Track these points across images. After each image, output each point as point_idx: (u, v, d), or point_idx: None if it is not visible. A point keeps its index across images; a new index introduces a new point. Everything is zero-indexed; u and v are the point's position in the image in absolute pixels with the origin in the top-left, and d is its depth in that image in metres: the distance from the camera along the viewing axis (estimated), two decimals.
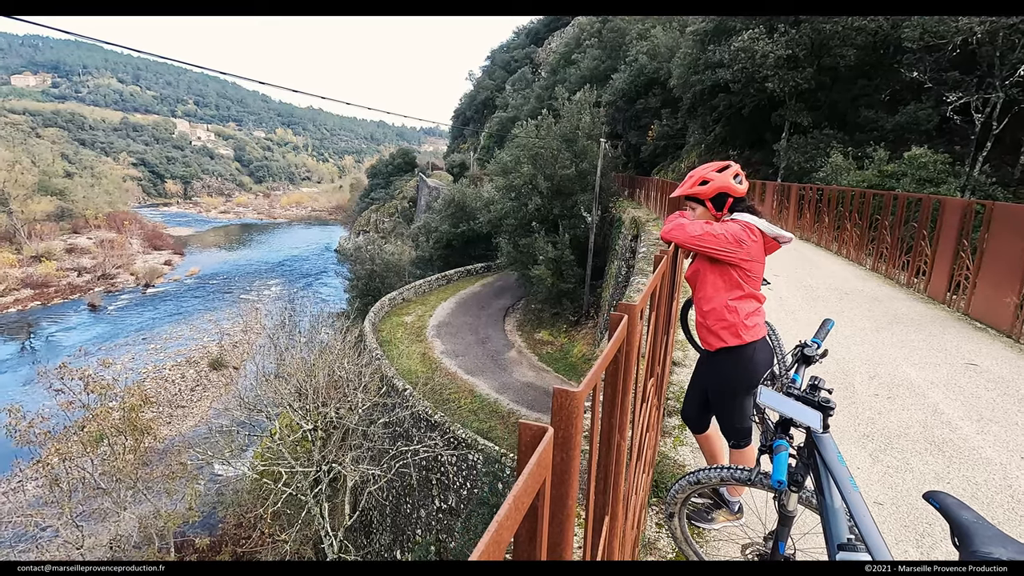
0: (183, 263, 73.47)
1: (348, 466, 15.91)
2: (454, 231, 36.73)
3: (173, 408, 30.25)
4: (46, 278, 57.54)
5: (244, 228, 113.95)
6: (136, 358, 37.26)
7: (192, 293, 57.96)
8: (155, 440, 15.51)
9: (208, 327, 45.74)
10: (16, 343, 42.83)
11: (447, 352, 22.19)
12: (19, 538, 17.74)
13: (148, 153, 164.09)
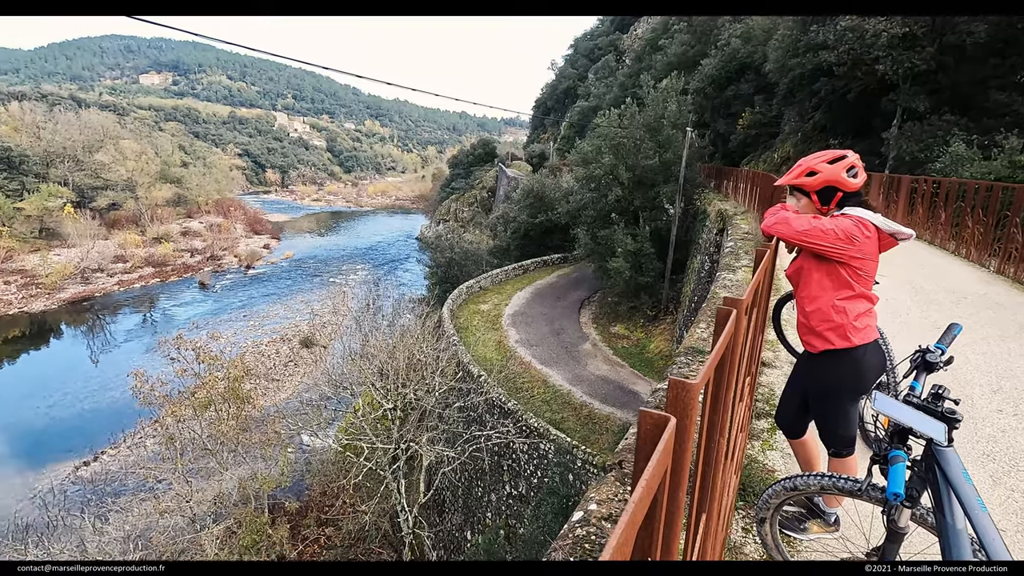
0: (279, 247, 78.94)
1: (424, 446, 16.53)
2: (532, 221, 36.83)
3: (268, 381, 32.74)
4: (164, 258, 63.94)
5: (334, 215, 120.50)
6: (238, 333, 40.61)
7: (287, 275, 62.20)
8: (253, 409, 16.94)
9: (300, 307, 48.95)
10: (140, 315, 48.03)
11: (521, 341, 22.39)
12: (140, 487, 20.00)
13: (251, 144, 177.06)
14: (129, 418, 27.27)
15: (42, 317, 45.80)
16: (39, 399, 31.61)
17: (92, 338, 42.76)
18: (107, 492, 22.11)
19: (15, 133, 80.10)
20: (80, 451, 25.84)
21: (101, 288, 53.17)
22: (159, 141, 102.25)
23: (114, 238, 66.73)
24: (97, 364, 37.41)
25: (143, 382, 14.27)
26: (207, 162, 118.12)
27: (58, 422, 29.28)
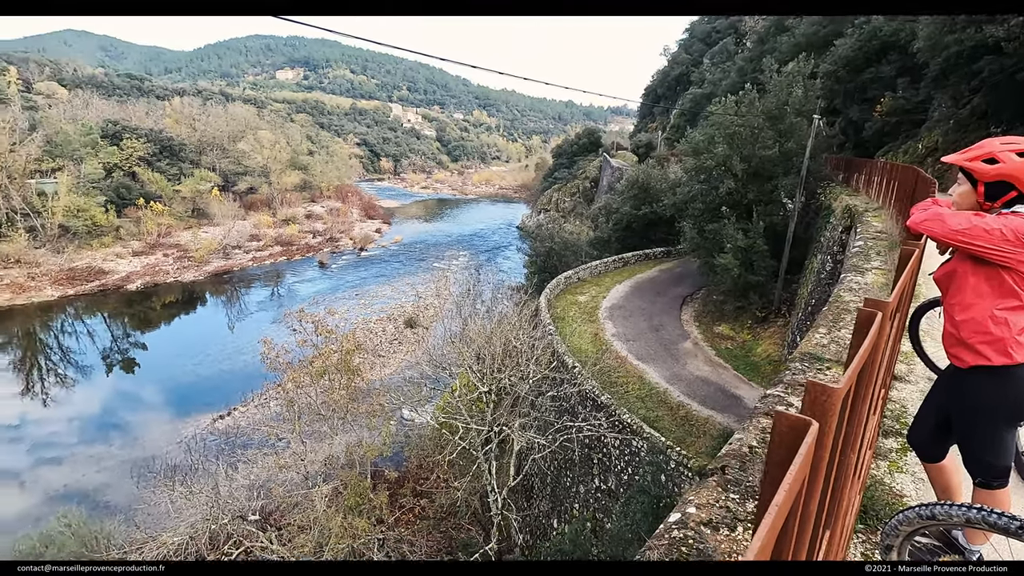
0: (389, 231, 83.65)
1: (516, 431, 16.85)
2: (635, 213, 35.87)
3: (375, 356, 35.01)
4: (291, 238, 70.27)
5: (440, 203, 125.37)
6: (350, 310, 43.74)
7: (395, 258, 65.83)
8: (362, 381, 18.26)
9: (406, 289, 51.65)
10: (268, 288, 53.32)
11: (618, 335, 21.99)
12: (263, 443, 22.29)
13: (369, 134, 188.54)
14: (257, 380, 30.49)
15: (191, 286, 52.33)
16: (187, 358, 36.27)
17: (230, 307, 48.22)
18: (237, 444, 24.93)
19: (176, 125, 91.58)
20: (217, 406, 29.34)
21: (238, 263, 59.66)
22: (290, 131, 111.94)
23: (250, 219, 74.42)
24: (233, 330, 42.13)
25: (271, 349, 15.95)
26: (330, 151, 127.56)
27: (201, 379, 33.43)
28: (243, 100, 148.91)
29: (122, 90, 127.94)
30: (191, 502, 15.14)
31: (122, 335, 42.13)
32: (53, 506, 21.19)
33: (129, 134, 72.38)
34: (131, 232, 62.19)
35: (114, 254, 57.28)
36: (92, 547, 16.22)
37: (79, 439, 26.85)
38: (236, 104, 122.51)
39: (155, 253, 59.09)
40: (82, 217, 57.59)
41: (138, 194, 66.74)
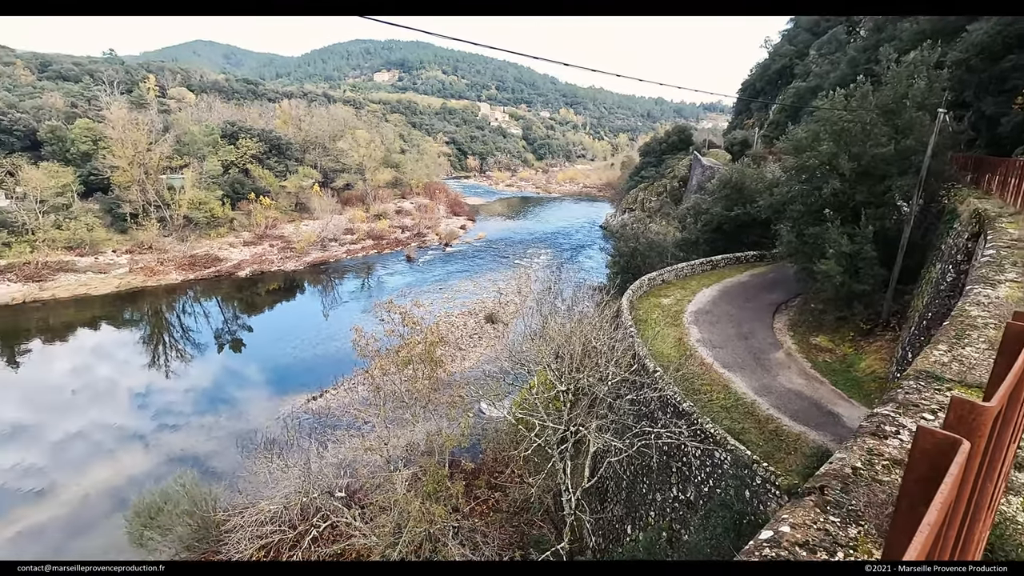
0: (474, 228, 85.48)
1: (592, 432, 16.67)
2: (726, 214, 34.23)
3: (456, 349, 35.99)
4: (381, 232, 73.77)
5: (524, 200, 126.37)
6: (434, 303, 45.21)
7: (478, 254, 67.21)
8: (443, 372, 18.86)
9: (488, 285, 52.60)
10: (360, 280, 56.34)
11: (703, 341, 21.11)
12: (351, 425, 23.63)
13: (457, 133, 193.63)
14: (347, 366, 32.34)
15: (292, 275, 56.41)
16: (287, 341, 39.18)
17: (325, 296, 51.49)
18: (327, 424, 26.63)
19: (284, 125, 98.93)
20: (311, 387, 31.46)
21: (334, 255, 63.52)
22: (384, 131, 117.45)
23: (346, 214, 78.96)
24: (327, 318, 44.95)
25: (361, 337, 16.88)
26: (420, 149, 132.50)
27: (298, 361, 35.99)
28: (343, 101, 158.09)
29: (240, 94, 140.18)
30: (286, 475, 16.36)
31: (232, 317, 46.26)
32: (171, 467, 23.72)
33: (244, 134, 79.20)
34: (243, 224, 68.13)
35: (228, 243, 63.01)
36: (201, 507, 17.98)
37: (193, 409, 29.82)
38: (337, 105, 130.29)
39: (262, 243, 64.31)
40: (203, 209, 63.85)
41: (250, 189, 72.93)
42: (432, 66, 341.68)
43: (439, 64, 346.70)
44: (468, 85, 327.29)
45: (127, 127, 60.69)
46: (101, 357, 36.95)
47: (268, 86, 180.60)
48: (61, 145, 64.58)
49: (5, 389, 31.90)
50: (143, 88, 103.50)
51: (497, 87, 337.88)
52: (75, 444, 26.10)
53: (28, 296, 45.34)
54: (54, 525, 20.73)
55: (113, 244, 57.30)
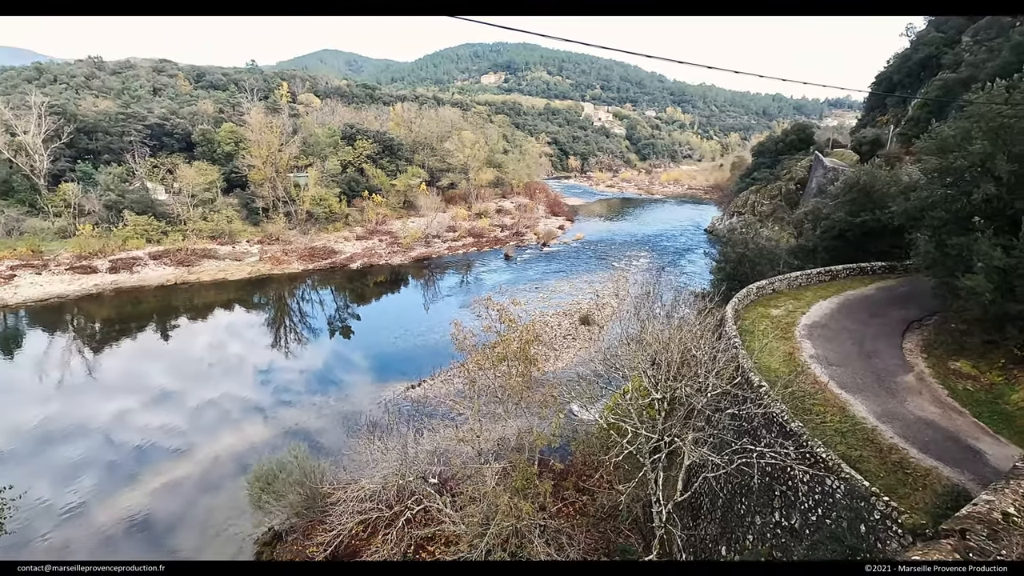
0: (572, 228, 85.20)
1: (688, 444, 15.97)
2: (851, 220, 31.25)
3: (549, 349, 36.10)
4: (482, 230, 75.78)
5: (624, 201, 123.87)
6: (529, 302, 45.67)
7: (575, 255, 66.90)
8: (537, 371, 19.01)
9: (583, 286, 52.20)
10: (459, 275, 58.30)
11: (818, 357, 19.44)
12: (446, 415, 24.52)
13: (560, 133, 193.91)
14: (444, 358, 33.63)
15: (398, 269, 59.62)
16: (390, 331, 41.50)
17: (426, 290, 53.89)
18: (424, 412, 27.87)
19: (396, 127, 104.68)
20: (410, 376, 33.08)
21: (436, 251, 66.27)
22: (489, 131, 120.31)
23: (449, 212, 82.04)
24: (427, 311, 46.99)
25: (460, 331, 17.48)
26: (522, 149, 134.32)
27: (400, 351, 37.99)
28: (451, 104, 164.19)
29: (359, 98, 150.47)
30: (385, 457, 17.35)
31: (343, 306, 49.83)
32: (285, 439, 26.04)
33: (361, 136, 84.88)
34: (356, 219, 73.11)
35: (342, 237, 67.94)
36: (310, 478, 19.55)
37: (306, 388, 32.49)
38: (445, 108, 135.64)
39: (372, 238, 68.59)
40: (323, 205, 69.35)
41: (364, 187, 78.10)
42: (537, 67, 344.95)
43: (544, 65, 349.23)
44: (572, 85, 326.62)
45: (263, 130, 67.45)
46: (233, 335, 41.40)
47: (384, 90, 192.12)
48: (209, 146, 73.22)
49: (158, 359, 36.76)
50: (277, 95, 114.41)
51: (602, 87, 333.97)
52: (209, 411, 29.48)
53: (179, 278, 51.91)
54: (189, 481, 23.56)
55: (247, 235, 63.99)
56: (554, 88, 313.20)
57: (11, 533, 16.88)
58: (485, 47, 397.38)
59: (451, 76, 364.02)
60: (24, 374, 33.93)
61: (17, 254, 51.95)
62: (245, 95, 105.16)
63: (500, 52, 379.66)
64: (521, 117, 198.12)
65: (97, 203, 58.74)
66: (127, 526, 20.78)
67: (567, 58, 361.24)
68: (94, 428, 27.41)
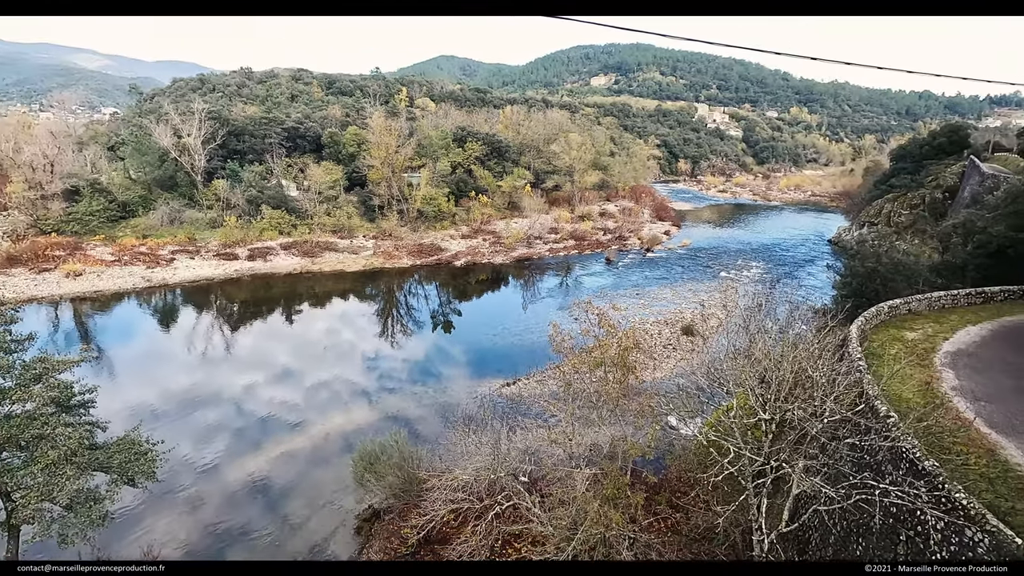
0: (678, 234, 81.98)
1: (797, 472, 14.73)
2: (1014, 236, 27.13)
3: (649, 357, 35.01)
4: (584, 233, 75.25)
5: (736, 208, 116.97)
6: (630, 308, 44.67)
7: (680, 262, 64.30)
8: (634, 379, 18.52)
9: (687, 295, 50.03)
10: (559, 278, 58.34)
11: (962, 390, 17.09)
12: (539, 416, 24.64)
13: (670, 135, 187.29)
14: (540, 359, 33.84)
15: (499, 268, 60.90)
16: (489, 328, 42.53)
17: (526, 290, 54.53)
18: (518, 411, 28.22)
19: (505, 130, 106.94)
20: (506, 373, 33.67)
21: (537, 252, 66.82)
22: (596, 134, 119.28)
23: (552, 213, 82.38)
24: (526, 311, 47.53)
25: (558, 333, 17.50)
26: (630, 152, 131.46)
27: (497, 348, 38.80)
28: (560, 106, 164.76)
29: (471, 102, 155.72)
30: (478, 451, 17.80)
31: (446, 301, 51.84)
32: (386, 423, 27.62)
33: (471, 138, 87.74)
34: (462, 219, 75.71)
35: (449, 236, 70.68)
36: (408, 463, 20.56)
37: (407, 377, 34.20)
38: (553, 110, 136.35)
39: (477, 237, 70.66)
40: (432, 204, 72.60)
41: (471, 188, 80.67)
42: (650, 68, 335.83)
43: (657, 65, 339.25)
44: (686, 85, 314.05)
45: (382, 132, 72.03)
46: (346, 323, 44.66)
47: (495, 94, 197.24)
48: (336, 148, 79.54)
49: (282, 340, 40.58)
50: (397, 99, 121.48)
51: (719, 86, 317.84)
52: (322, 391, 32.02)
53: (303, 268, 56.95)
54: (302, 454, 25.75)
55: (364, 230, 68.69)
56: (666, 89, 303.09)
57: (161, 481, 19.48)
58: (596, 49, 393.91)
59: (561, 78, 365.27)
60: (177, 345, 39.02)
61: (177, 240, 59.91)
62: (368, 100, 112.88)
63: (611, 53, 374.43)
64: (630, 119, 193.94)
65: (241, 198, 66.08)
66: (250, 488, 23.15)
67: (682, 57, 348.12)
68: (227, 397, 30.86)
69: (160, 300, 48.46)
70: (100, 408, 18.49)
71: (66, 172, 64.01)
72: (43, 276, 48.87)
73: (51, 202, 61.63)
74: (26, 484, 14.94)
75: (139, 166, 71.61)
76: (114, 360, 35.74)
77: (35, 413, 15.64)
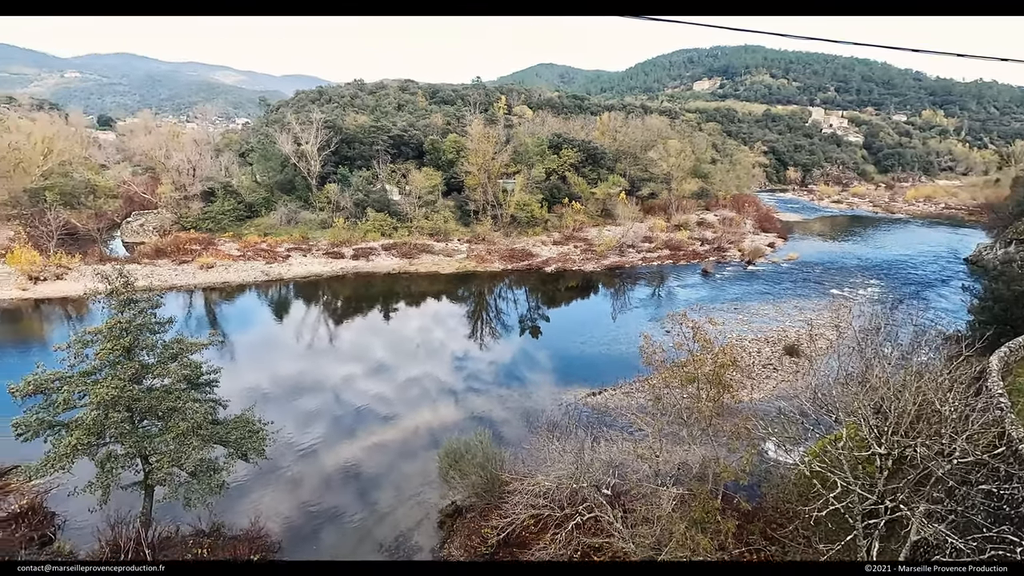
0: (784, 247, 76.67)
1: (918, 517, 13.15)
2: None
3: (746, 376, 32.98)
4: (679, 243, 72.56)
5: (853, 220, 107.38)
6: (727, 323, 42.33)
7: (785, 277, 60.04)
8: (730, 398, 17.46)
9: (792, 313, 46.58)
10: (651, 288, 56.64)
11: None
12: (624, 428, 24.01)
13: (779, 142, 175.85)
14: (628, 370, 33.00)
15: (589, 275, 60.26)
16: (576, 335, 42.17)
17: (616, 299, 53.48)
18: (602, 421, 27.70)
19: (601, 136, 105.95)
20: (592, 382, 33.18)
21: (629, 261, 65.36)
22: (697, 140, 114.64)
23: (647, 222, 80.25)
24: (614, 320, 46.60)
25: (649, 344, 16.93)
26: (733, 159, 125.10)
27: (583, 356, 38.36)
28: (659, 112, 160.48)
29: (568, 109, 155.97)
30: (561, 459, 17.64)
31: (535, 306, 52.12)
32: (471, 423, 28.18)
33: (567, 145, 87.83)
34: (554, 225, 75.87)
35: (540, 241, 71.08)
36: (492, 464, 20.82)
37: (493, 379, 34.71)
38: (653, 116, 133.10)
39: (568, 244, 70.44)
40: (525, 210, 73.43)
41: (564, 194, 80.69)
42: (759, 70, 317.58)
43: (767, 67, 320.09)
44: (799, 88, 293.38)
45: (480, 139, 74.02)
46: (438, 322, 46.24)
47: (592, 100, 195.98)
48: (436, 155, 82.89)
49: (379, 335, 42.83)
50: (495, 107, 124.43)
51: (837, 88, 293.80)
52: (412, 387, 33.35)
53: (401, 268, 59.82)
54: (392, 445, 26.93)
55: (458, 234, 70.91)
56: (776, 92, 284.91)
57: (268, 459, 21.22)
58: (701, 52, 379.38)
59: (661, 84, 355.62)
60: (288, 335, 42.46)
61: (293, 239, 65.28)
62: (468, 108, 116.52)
63: (717, 56, 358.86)
64: (735, 124, 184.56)
65: (349, 201, 70.76)
66: (343, 474, 24.58)
67: (795, 58, 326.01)
68: (328, 386, 33.04)
69: (275, 292, 52.98)
70: (221, 387, 20.52)
71: (204, 176, 72.00)
72: (182, 267, 55.20)
73: (192, 202, 69.61)
74: (160, 450, 16.90)
75: (264, 171, 79.02)
76: (235, 345, 39.57)
77: (171, 388, 17.73)
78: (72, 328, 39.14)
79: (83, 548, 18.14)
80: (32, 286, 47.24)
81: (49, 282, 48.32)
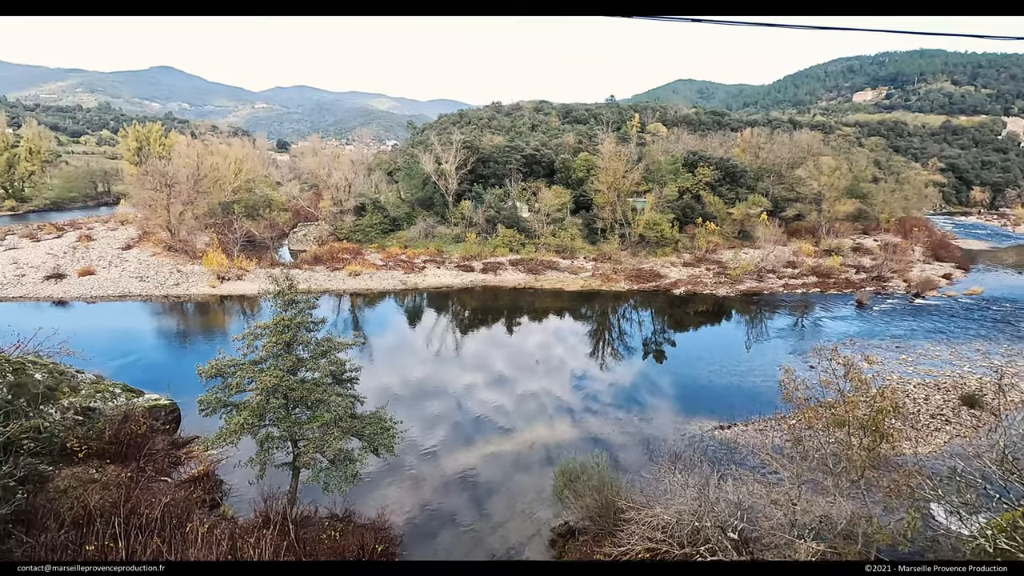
0: (964, 279, 65.88)
1: None
2: None
3: (910, 426, 28.56)
4: (829, 270, 65.50)
5: None
6: (887, 363, 37.18)
7: (964, 314, 51.44)
8: (889, 449, 15.12)
9: (973, 356, 39.66)
10: (792, 318, 51.67)
11: None
12: (756, 468, 21.95)
13: (961, 158, 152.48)
14: (763, 405, 30.26)
15: (721, 300, 56.58)
16: (705, 363, 39.69)
17: (751, 327, 49.54)
18: (731, 458, 25.57)
19: (742, 153, 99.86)
20: (720, 415, 30.89)
21: (769, 287, 60.30)
22: (855, 156, 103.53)
23: (790, 245, 73.74)
24: (748, 350, 43.14)
25: (790, 379, 15.31)
26: (899, 177, 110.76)
27: (712, 386, 35.95)
28: (810, 126, 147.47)
29: (706, 125, 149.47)
30: (683, 492, 16.54)
31: (660, 330, 50.07)
32: (587, 444, 27.60)
33: (703, 162, 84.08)
34: (685, 246, 72.68)
35: (670, 262, 68.43)
36: (608, 489, 20.16)
37: (612, 401, 33.77)
38: (803, 131, 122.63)
39: (699, 266, 66.97)
40: (655, 230, 71.27)
41: (698, 214, 77.07)
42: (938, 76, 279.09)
43: (948, 73, 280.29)
44: (990, 96, 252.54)
45: (612, 158, 73.52)
46: (559, 339, 46.25)
47: (733, 116, 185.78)
48: (566, 173, 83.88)
49: (501, 347, 43.90)
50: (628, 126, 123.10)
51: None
52: (530, 401, 33.58)
53: (527, 284, 61.02)
54: (507, 457, 27.26)
55: (584, 252, 70.73)
56: (959, 101, 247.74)
57: (396, 456, 22.59)
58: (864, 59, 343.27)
59: (814, 96, 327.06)
60: (419, 341, 45.20)
61: (428, 252, 69.77)
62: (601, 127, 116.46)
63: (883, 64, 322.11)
64: (904, 139, 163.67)
65: (481, 217, 74.04)
66: (461, 479, 25.36)
67: (985, 61, 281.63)
68: (451, 392, 34.47)
69: (410, 301, 56.82)
70: (359, 385, 22.32)
71: (358, 192, 79.89)
72: (334, 274, 61.46)
73: (346, 215, 77.50)
74: (307, 436, 18.78)
75: (408, 188, 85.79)
76: (373, 346, 43.00)
77: (319, 381, 19.68)
78: (246, 322, 45.40)
79: (241, 515, 20.66)
80: (219, 284, 55.62)
81: (232, 281, 56.52)
